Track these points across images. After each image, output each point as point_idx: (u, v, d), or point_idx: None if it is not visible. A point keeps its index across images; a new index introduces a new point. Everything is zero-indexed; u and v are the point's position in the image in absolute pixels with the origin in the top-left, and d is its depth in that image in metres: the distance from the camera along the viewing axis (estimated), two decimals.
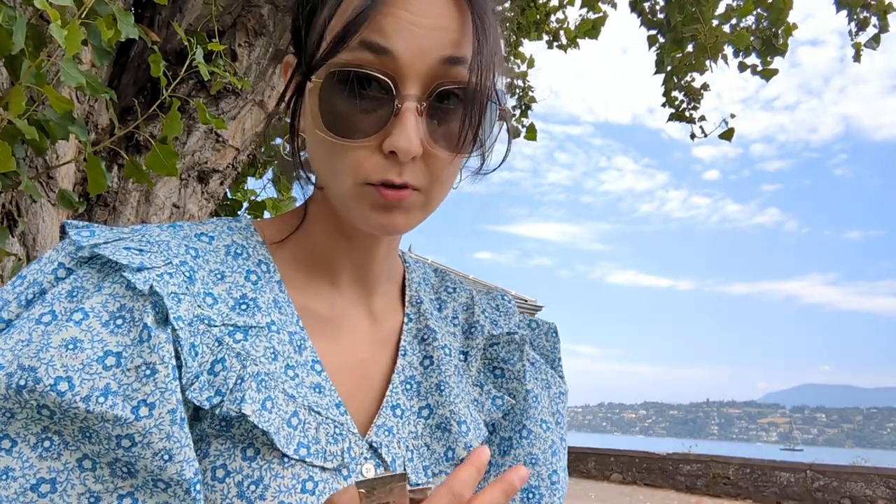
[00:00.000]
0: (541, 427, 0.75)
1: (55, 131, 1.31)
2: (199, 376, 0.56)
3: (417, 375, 0.70)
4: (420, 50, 0.56)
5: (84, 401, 0.49)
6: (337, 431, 0.61)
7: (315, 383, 0.61)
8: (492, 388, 0.75)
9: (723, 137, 3.96)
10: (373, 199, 0.59)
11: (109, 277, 0.55)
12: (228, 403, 0.55)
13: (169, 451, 0.51)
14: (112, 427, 0.50)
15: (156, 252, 0.58)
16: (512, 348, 0.76)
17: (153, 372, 0.51)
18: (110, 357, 0.51)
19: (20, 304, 0.54)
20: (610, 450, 16.61)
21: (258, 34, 2.02)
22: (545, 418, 0.75)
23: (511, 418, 0.75)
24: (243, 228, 0.67)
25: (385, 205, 0.59)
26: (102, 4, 1.26)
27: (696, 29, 3.58)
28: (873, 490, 11.48)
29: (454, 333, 0.75)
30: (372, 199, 0.59)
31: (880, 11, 3.62)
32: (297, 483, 0.57)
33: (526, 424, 0.74)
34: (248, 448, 0.57)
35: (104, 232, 0.58)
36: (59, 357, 0.50)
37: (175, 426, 0.51)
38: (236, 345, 0.58)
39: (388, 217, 0.60)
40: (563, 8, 4.77)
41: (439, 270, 0.82)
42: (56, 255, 0.57)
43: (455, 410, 0.69)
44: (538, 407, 0.76)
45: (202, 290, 0.59)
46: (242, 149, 2.05)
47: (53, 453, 0.50)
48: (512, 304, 0.82)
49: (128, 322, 0.53)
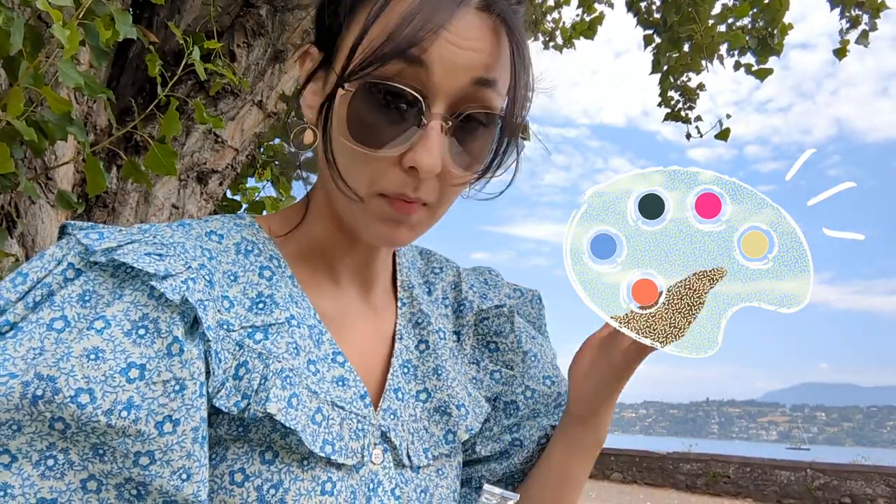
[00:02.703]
0: (543, 384, 0.77)
1: (54, 132, 1.32)
2: (224, 383, 0.55)
3: (413, 359, 0.70)
4: (454, 68, 0.55)
5: (106, 414, 0.47)
6: (360, 426, 0.61)
7: (338, 376, 0.61)
8: (488, 363, 0.76)
9: (718, 138, 3.97)
10: (383, 211, 0.59)
11: (129, 284, 0.53)
12: (255, 405, 0.54)
13: (188, 471, 0.50)
14: (132, 443, 0.48)
15: (174, 256, 0.55)
16: (502, 321, 0.77)
17: (182, 388, 0.50)
18: (134, 369, 0.49)
19: (27, 306, 0.51)
20: (610, 449, 16.59)
21: (257, 35, 2.03)
22: (547, 373, 0.78)
23: (511, 381, 0.77)
24: (248, 225, 0.66)
25: (394, 217, 0.59)
26: (100, 5, 1.26)
27: (692, 29, 3.59)
28: (873, 488, 11.49)
29: (446, 315, 0.76)
30: (382, 210, 0.59)
31: (872, 9, 3.63)
32: (317, 485, 0.57)
33: (528, 385, 0.77)
34: (266, 451, 0.56)
35: (113, 233, 0.56)
36: (80, 367, 0.47)
37: (196, 444, 0.50)
38: (257, 345, 0.57)
39: (394, 231, 0.60)
40: (559, 8, 4.78)
41: (424, 251, 0.82)
42: (61, 254, 0.54)
43: (453, 394, 0.69)
44: (538, 365, 0.78)
45: (220, 294, 0.58)
46: (241, 149, 2.05)
47: (57, 472, 0.48)
48: (500, 276, 0.83)
49: (151, 332, 0.51)
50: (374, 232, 0.61)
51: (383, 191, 0.58)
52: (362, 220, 0.60)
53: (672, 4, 3.63)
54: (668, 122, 4.27)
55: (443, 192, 0.60)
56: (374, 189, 0.58)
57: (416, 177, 0.57)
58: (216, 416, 0.55)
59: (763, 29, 3.64)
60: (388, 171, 0.57)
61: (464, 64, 0.55)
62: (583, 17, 4.62)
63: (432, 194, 0.59)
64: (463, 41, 0.55)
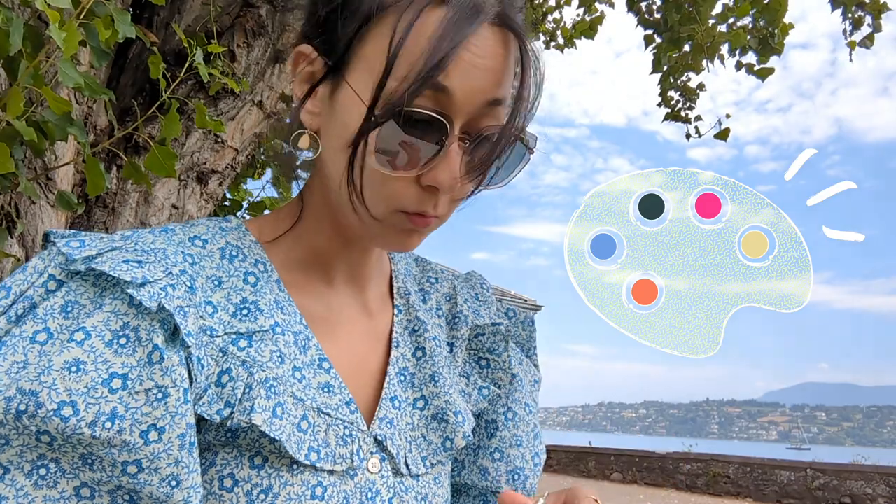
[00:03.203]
0: (524, 410, 0.77)
1: (54, 132, 1.32)
2: (207, 390, 0.54)
3: (410, 367, 0.70)
4: (472, 90, 0.56)
5: (90, 426, 0.47)
6: (346, 432, 0.61)
7: (323, 383, 0.61)
8: (478, 378, 0.76)
9: (718, 137, 3.97)
10: (402, 225, 0.60)
11: (109, 293, 0.52)
12: (239, 415, 0.54)
13: (177, 477, 0.50)
14: (118, 453, 0.48)
15: (154, 262, 0.55)
16: (497, 339, 0.77)
17: (165, 396, 0.50)
18: (116, 379, 0.49)
19: (9, 320, 0.51)
20: (610, 449, 16.60)
21: (257, 35, 2.03)
22: (528, 402, 0.78)
23: (496, 401, 0.77)
24: (234, 228, 0.66)
25: (411, 230, 0.60)
26: (100, 5, 1.26)
27: (692, 29, 3.59)
28: (873, 488, 11.48)
29: (440, 325, 0.76)
30: (401, 224, 0.60)
31: (874, 11, 3.63)
32: (307, 490, 0.56)
33: (511, 407, 0.77)
34: (255, 457, 0.56)
35: (94, 241, 0.55)
36: (61, 380, 0.47)
37: (184, 451, 0.50)
38: (241, 352, 0.57)
39: (408, 239, 0.62)
40: (560, 8, 4.78)
41: (420, 259, 0.82)
42: (42, 265, 0.54)
43: (450, 401, 0.69)
44: (522, 390, 0.78)
45: (202, 300, 0.58)
46: (241, 149, 2.05)
47: (50, 481, 0.48)
48: (490, 291, 0.83)
49: (132, 341, 0.50)
50: (387, 242, 0.62)
51: (403, 209, 0.59)
52: (378, 232, 0.61)
53: (672, 4, 3.63)
54: (668, 121, 4.27)
55: (454, 204, 0.62)
56: (394, 207, 0.59)
57: (434, 194, 0.58)
58: (204, 422, 0.55)
59: (764, 28, 3.64)
60: (409, 189, 0.58)
61: (481, 86, 0.56)
62: (583, 17, 4.63)
63: (447, 207, 0.60)
64: (479, 60, 0.55)
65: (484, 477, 0.75)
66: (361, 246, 0.68)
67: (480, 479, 0.75)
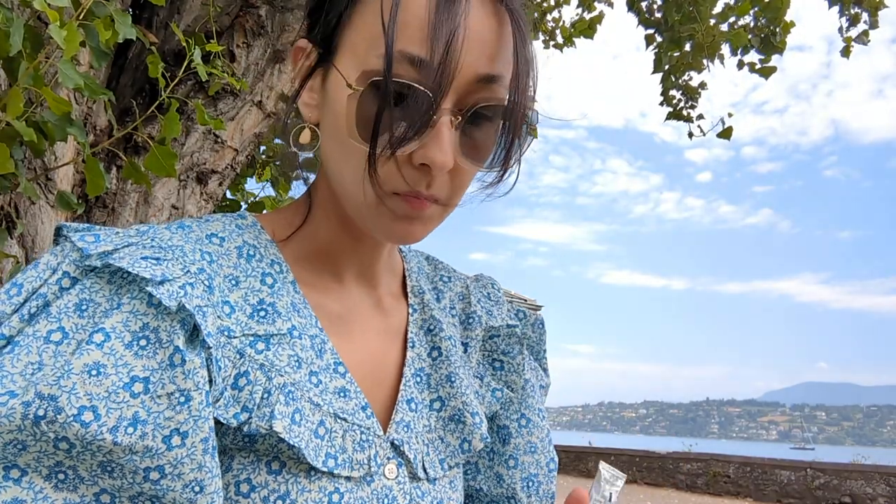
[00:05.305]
0: (538, 416, 0.77)
1: (53, 133, 1.31)
2: (223, 392, 0.53)
3: (426, 367, 0.69)
4: (460, 64, 0.54)
5: (111, 432, 0.45)
6: (363, 437, 0.60)
7: (339, 387, 0.60)
8: (491, 380, 0.75)
9: (721, 136, 3.97)
10: (398, 209, 0.58)
11: (126, 291, 0.50)
12: (257, 420, 0.53)
13: (200, 483, 0.48)
14: (140, 459, 0.46)
15: (172, 260, 0.53)
16: (512, 341, 0.76)
17: (188, 399, 0.48)
18: (137, 383, 0.47)
19: (22, 319, 0.49)
20: (610, 449, 16.61)
21: (256, 35, 2.02)
22: (540, 408, 0.77)
23: (509, 407, 0.76)
24: (250, 227, 0.65)
25: (408, 214, 0.58)
26: (100, 5, 1.26)
27: (693, 28, 3.59)
28: (873, 488, 11.49)
29: (454, 324, 0.75)
30: (397, 208, 0.58)
31: (871, 7, 3.63)
32: (324, 496, 0.56)
33: (525, 413, 0.76)
34: (273, 461, 0.55)
35: (110, 236, 0.53)
36: (81, 384, 0.45)
37: (207, 455, 0.49)
38: (259, 356, 0.56)
39: (408, 227, 0.59)
40: (560, 7, 4.78)
41: (431, 258, 0.81)
42: (56, 262, 0.52)
43: (467, 402, 0.68)
44: (535, 396, 0.77)
45: (220, 300, 0.56)
46: (241, 149, 2.05)
47: (69, 485, 0.46)
48: (500, 291, 0.82)
49: (153, 343, 0.49)
50: (388, 230, 0.59)
51: (397, 189, 0.57)
52: (375, 219, 0.59)
53: (673, 4, 3.63)
54: (671, 121, 4.27)
55: (455, 188, 0.59)
56: (387, 188, 0.57)
57: (427, 173, 0.56)
58: (220, 426, 0.54)
59: (765, 27, 3.64)
60: (401, 170, 0.56)
61: (469, 60, 0.54)
62: (583, 16, 4.63)
63: (444, 190, 0.58)
64: (472, 35, 0.54)
65: (499, 484, 0.74)
66: (371, 241, 0.66)
67: (496, 486, 0.75)
